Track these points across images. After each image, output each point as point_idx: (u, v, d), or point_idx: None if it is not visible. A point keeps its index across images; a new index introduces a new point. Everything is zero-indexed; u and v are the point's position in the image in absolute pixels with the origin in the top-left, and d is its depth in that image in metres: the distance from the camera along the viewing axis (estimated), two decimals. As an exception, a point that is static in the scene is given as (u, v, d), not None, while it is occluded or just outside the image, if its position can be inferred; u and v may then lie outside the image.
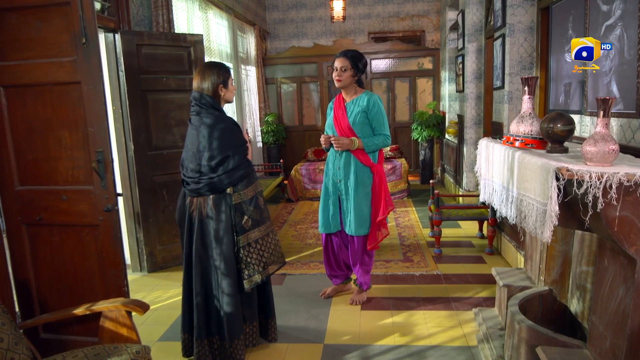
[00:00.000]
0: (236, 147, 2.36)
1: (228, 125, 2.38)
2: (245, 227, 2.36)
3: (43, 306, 2.48)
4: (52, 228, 2.39)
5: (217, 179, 2.32)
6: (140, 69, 3.70)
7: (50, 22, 2.17)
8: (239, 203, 2.35)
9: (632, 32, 1.97)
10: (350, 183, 2.99)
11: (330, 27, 8.08)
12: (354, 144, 2.92)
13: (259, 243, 2.41)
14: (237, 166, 2.34)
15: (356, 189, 2.97)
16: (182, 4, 4.69)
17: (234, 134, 2.39)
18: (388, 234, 3.12)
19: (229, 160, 2.32)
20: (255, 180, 2.44)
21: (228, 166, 2.32)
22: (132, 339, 1.98)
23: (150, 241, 3.92)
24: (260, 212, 2.40)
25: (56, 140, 2.29)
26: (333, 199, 3.08)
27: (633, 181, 1.46)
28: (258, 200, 2.40)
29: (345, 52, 2.98)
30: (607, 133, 1.61)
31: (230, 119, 2.43)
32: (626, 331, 1.57)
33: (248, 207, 2.36)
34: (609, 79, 2.19)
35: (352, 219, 2.99)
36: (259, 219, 2.40)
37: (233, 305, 2.40)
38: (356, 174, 2.97)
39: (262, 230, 2.42)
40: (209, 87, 2.36)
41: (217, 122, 2.36)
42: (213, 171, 2.32)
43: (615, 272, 1.68)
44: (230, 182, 2.33)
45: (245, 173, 2.36)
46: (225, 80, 2.39)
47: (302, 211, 5.89)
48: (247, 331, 2.55)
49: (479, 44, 5.22)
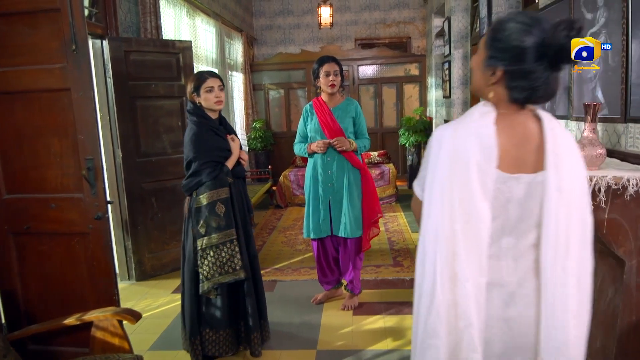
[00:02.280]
0: (199, 153, 2.41)
1: (196, 131, 2.45)
2: (201, 232, 2.40)
3: (30, 317, 2.43)
4: (41, 237, 2.35)
5: (184, 181, 2.46)
6: (128, 76, 3.68)
7: (39, 28, 2.15)
8: (198, 207, 2.41)
9: (616, 39, 2.03)
10: (344, 185, 3.01)
11: (317, 34, 8.13)
12: (352, 144, 2.99)
13: (213, 250, 2.39)
14: (197, 171, 2.41)
15: (350, 190, 3.00)
16: (169, 11, 4.68)
17: (200, 140, 2.43)
18: (379, 232, 3.20)
19: (192, 165, 2.43)
20: (219, 187, 2.42)
21: (189, 170, 2.44)
22: (124, 349, 1.96)
23: (139, 249, 3.87)
24: (217, 219, 2.39)
25: (45, 148, 2.26)
26: (324, 203, 3.07)
27: (621, 184, 1.50)
28: (216, 207, 2.40)
29: (332, 57, 3.05)
30: (595, 137, 1.65)
31: (203, 124, 2.47)
32: (616, 331, 1.61)
33: (204, 213, 2.39)
34: (594, 84, 2.25)
35: (348, 221, 3.00)
36: (215, 227, 2.39)
37: (189, 305, 2.48)
38: (349, 176, 3.01)
39: (217, 238, 2.40)
40: (188, 95, 2.52)
41: (189, 128, 2.48)
42: (185, 174, 2.47)
43: (604, 273, 1.71)
44: (189, 186, 2.44)
45: (203, 179, 2.40)
46: (197, 88, 2.46)
47: (291, 217, 5.89)
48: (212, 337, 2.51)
49: (464, 51, 5.31)
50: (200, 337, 2.50)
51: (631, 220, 1.53)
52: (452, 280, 1.14)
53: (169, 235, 4.01)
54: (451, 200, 1.13)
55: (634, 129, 1.96)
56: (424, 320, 1.19)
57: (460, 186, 1.13)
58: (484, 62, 1.21)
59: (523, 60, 1.13)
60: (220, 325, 2.49)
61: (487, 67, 1.20)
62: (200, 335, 2.50)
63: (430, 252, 1.16)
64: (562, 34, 1.10)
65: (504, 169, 1.14)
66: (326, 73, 2.98)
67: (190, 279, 2.48)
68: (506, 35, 1.15)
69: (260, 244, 4.77)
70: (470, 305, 1.14)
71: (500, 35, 1.16)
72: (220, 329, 2.50)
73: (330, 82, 2.97)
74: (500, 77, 1.17)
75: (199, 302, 2.49)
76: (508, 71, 1.15)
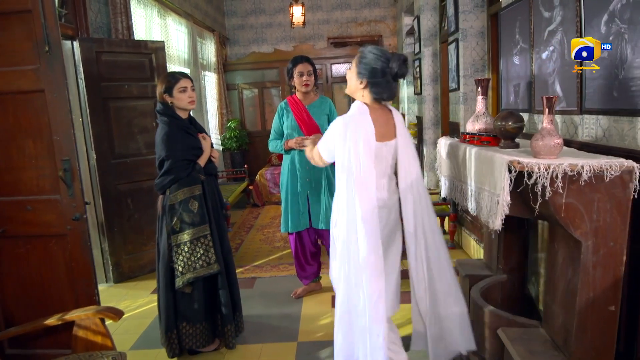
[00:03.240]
0: (171, 152, 2.46)
1: (168, 130, 2.49)
2: (175, 229, 2.47)
3: (8, 320, 2.40)
4: (17, 240, 2.33)
5: (157, 180, 2.51)
6: (100, 77, 3.65)
7: (10, 30, 2.14)
8: (172, 205, 2.47)
9: (571, 36, 2.16)
10: (322, 180, 3.11)
11: (290, 33, 8.17)
12: None
13: (187, 246, 2.46)
14: (169, 170, 2.47)
15: (329, 183, 3.10)
16: (140, 11, 4.65)
17: (172, 139, 2.48)
18: None
19: (163, 164, 2.49)
20: (191, 184, 2.49)
21: (161, 169, 2.49)
22: (107, 347, 1.98)
23: (116, 251, 3.85)
24: (191, 215, 2.47)
25: (19, 150, 2.25)
26: (303, 197, 3.15)
27: (576, 171, 1.61)
28: (189, 203, 2.47)
29: (305, 57, 3.12)
30: (552, 128, 1.77)
31: (174, 124, 2.51)
32: (575, 308, 1.73)
33: (178, 209, 2.46)
34: (553, 79, 2.38)
35: (323, 213, 3.10)
36: (189, 222, 2.47)
37: (164, 300, 2.54)
38: (327, 170, 3.10)
39: (191, 234, 2.47)
40: (158, 95, 2.55)
41: (160, 127, 2.53)
42: (158, 172, 2.52)
43: (564, 254, 1.84)
44: (162, 185, 2.49)
45: (177, 177, 2.46)
46: (169, 88, 2.50)
47: (269, 215, 5.93)
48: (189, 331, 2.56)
49: (434, 48, 5.45)
50: (177, 330, 2.55)
51: (586, 204, 1.65)
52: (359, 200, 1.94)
53: (146, 236, 4.00)
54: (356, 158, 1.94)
55: (589, 120, 2.09)
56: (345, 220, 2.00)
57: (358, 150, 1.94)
58: (356, 75, 2.02)
59: (377, 76, 1.97)
60: (197, 318, 2.55)
61: (357, 79, 2.02)
62: (177, 329, 2.55)
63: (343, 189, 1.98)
64: (396, 63, 1.95)
65: (378, 140, 2.00)
66: (300, 73, 3.07)
67: (165, 275, 2.53)
68: (367, 61, 1.97)
69: (238, 242, 4.80)
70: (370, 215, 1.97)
71: (365, 61, 1.99)
72: (197, 322, 2.55)
73: (304, 82, 3.07)
74: (365, 85, 2.00)
75: (175, 297, 2.54)
76: (369, 82, 1.98)
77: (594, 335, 1.73)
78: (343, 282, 2.03)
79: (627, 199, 1.64)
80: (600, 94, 1.99)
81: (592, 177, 1.61)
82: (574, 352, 1.75)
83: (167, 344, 2.55)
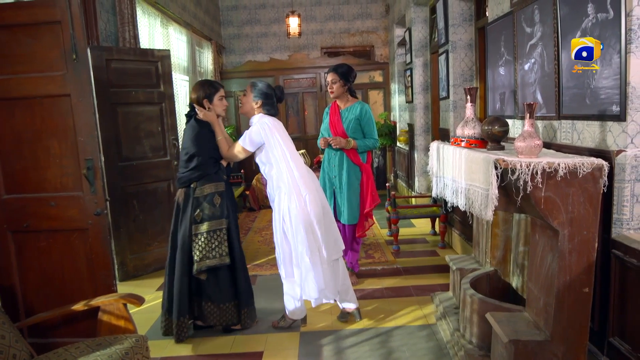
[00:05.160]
0: (202, 149, 2.73)
1: (200, 130, 2.76)
2: (197, 219, 2.71)
3: (29, 311, 2.55)
4: (40, 234, 2.49)
5: (183, 174, 2.74)
6: (109, 83, 3.83)
7: (40, 39, 2.32)
8: (197, 197, 2.71)
9: (550, 50, 2.41)
10: (343, 179, 3.46)
11: (285, 42, 8.41)
12: (349, 143, 3.41)
13: (204, 236, 2.70)
14: (198, 165, 2.71)
15: (348, 184, 3.44)
16: (144, 20, 4.84)
17: (203, 138, 2.76)
18: (374, 223, 3.70)
19: (193, 160, 2.72)
20: (217, 180, 2.77)
21: (191, 164, 2.72)
22: (129, 330, 2.14)
23: (121, 250, 4.00)
24: (213, 208, 2.71)
25: (45, 150, 2.42)
26: (329, 191, 3.54)
27: (553, 168, 1.84)
28: (213, 198, 2.72)
29: (335, 68, 3.49)
30: (533, 131, 2.00)
31: (204, 126, 2.79)
32: (554, 290, 1.95)
33: (202, 202, 2.71)
34: (534, 88, 2.62)
35: (346, 210, 3.45)
36: (210, 215, 2.71)
37: (179, 286, 2.75)
38: (348, 172, 3.45)
39: (211, 225, 2.71)
40: (195, 99, 2.79)
41: (192, 128, 2.77)
42: (184, 167, 2.75)
43: (544, 243, 2.06)
44: (190, 178, 2.73)
45: (205, 172, 2.73)
46: (209, 95, 2.78)
47: (266, 218, 6.11)
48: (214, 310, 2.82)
49: (424, 59, 5.72)
50: (199, 310, 2.81)
51: (562, 197, 1.87)
52: (295, 168, 2.77)
53: (150, 236, 4.16)
54: (284, 146, 2.78)
55: (566, 124, 2.33)
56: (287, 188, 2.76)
57: (282, 141, 2.78)
58: (253, 98, 2.86)
59: (267, 98, 2.87)
60: (221, 299, 2.81)
61: (254, 100, 2.86)
62: (200, 309, 2.81)
63: (285, 166, 2.77)
64: (278, 91, 2.93)
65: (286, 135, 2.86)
66: (327, 83, 3.54)
67: (183, 262, 2.75)
68: (260, 88, 2.87)
69: (237, 243, 4.97)
70: (303, 181, 2.77)
71: (259, 88, 2.87)
72: (222, 303, 2.81)
73: (329, 90, 3.52)
74: (260, 105, 2.86)
75: (190, 284, 2.78)
76: (263, 102, 2.86)
77: (570, 314, 1.95)
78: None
79: (597, 192, 1.87)
80: (575, 101, 2.24)
81: (567, 174, 1.84)
82: (554, 330, 1.96)
83: (178, 328, 2.76)
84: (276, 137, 2.77)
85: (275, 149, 2.76)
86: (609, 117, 1.99)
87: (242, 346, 2.79)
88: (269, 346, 2.78)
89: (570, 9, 2.20)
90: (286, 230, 2.76)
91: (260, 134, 2.76)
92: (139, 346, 2.02)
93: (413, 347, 2.68)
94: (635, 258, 1.87)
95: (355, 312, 3.03)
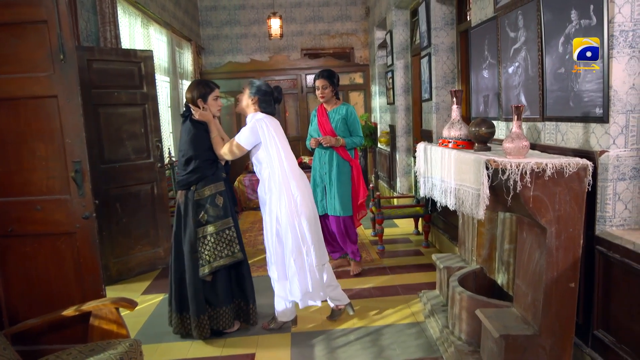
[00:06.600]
0: (199, 151, 2.71)
1: (196, 132, 2.74)
2: (201, 221, 2.71)
3: (13, 318, 2.48)
4: (25, 238, 2.42)
5: (182, 177, 2.73)
6: (91, 84, 3.75)
7: (25, 39, 2.27)
8: (198, 200, 2.71)
9: (533, 54, 2.49)
10: (333, 174, 3.64)
11: (265, 44, 8.39)
12: (338, 141, 3.62)
13: (214, 237, 2.70)
14: (196, 168, 2.70)
15: (338, 178, 3.63)
16: (125, 20, 4.76)
17: (200, 140, 2.74)
18: (366, 213, 3.97)
19: (190, 163, 2.71)
20: (216, 181, 2.76)
21: (189, 167, 2.71)
22: (122, 335, 2.11)
23: (104, 255, 3.91)
24: (216, 209, 2.71)
25: (30, 152, 2.36)
26: (320, 187, 3.79)
27: (541, 168, 1.91)
28: (215, 199, 2.72)
29: (322, 73, 3.66)
30: (521, 132, 2.07)
31: (200, 127, 2.77)
32: (542, 286, 2.02)
33: (205, 205, 2.70)
34: (519, 91, 2.71)
35: (337, 203, 3.63)
36: (215, 216, 2.71)
37: (193, 287, 2.74)
38: (338, 167, 3.65)
39: (217, 226, 2.71)
40: (190, 99, 2.78)
41: (188, 129, 2.76)
42: (182, 170, 2.74)
43: (532, 241, 2.13)
44: (189, 182, 2.72)
45: (203, 175, 2.71)
46: (204, 95, 2.77)
47: (248, 220, 6.08)
48: (212, 314, 2.82)
49: (405, 61, 5.80)
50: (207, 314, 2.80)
51: (550, 196, 1.94)
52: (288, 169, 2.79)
53: (134, 240, 4.10)
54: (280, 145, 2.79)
55: (550, 126, 2.42)
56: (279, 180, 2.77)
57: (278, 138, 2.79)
58: (249, 95, 2.84)
59: (264, 95, 2.85)
60: (219, 302, 2.81)
61: (249, 97, 2.84)
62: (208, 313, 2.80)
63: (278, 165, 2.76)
64: (276, 92, 2.90)
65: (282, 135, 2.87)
66: (316, 87, 3.74)
67: (193, 264, 2.74)
68: (258, 85, 2.85)
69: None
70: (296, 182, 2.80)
71: (257, 85, 2.85)
72: (219, 306, 2.81)
73: (320, 95, 3.73)
74: (256, 101, 2.84)
75: (204, 284, 2.77)
76: (259, 99, 2.84)
77: (557, 309, 2.02)
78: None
79: (582, 191, 1.95)
80: (559, 104, 2.32)
81: (555, 173, 1.91)
82: (541, 324, 2.03)
83: (198, 327, 2.76)
84: (272, 135, 2.76)
85: (271, 147, 2.75)
86: (592, 119, 2.07)
87: (234, 348, 2.78)
88: (260, 348, 2.78)
89: (554, 15, 2.28)
90: (279, 231, 2.76)
91: (257, 132, 2.74)
92: (133, 350, 2.00)
93: (403, 345, 2.73)
94: (618, 253, 1.96)
95: (348, 307, 3.08)
